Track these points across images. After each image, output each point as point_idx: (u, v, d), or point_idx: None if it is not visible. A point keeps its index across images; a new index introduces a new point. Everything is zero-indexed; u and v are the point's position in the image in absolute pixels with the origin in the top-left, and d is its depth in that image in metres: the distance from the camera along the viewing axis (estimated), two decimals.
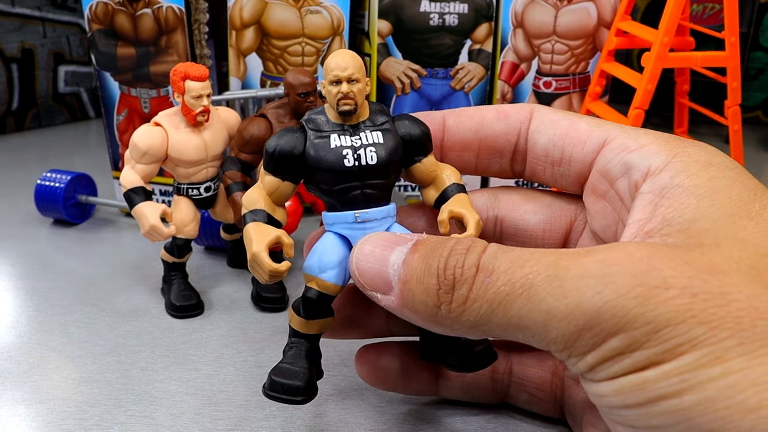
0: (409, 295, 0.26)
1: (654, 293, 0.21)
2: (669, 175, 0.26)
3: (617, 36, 0.55)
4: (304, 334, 0.31)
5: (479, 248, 0.25)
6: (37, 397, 0.37)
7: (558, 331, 0.23)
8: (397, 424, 0.35)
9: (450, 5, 0.54)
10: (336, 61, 0.29)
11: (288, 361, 0.30)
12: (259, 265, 0.28)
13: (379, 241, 0.28)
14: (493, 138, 0.32)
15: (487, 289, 0.24)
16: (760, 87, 0.82)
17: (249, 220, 0.29)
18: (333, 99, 0.29)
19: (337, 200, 0.30)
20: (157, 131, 0.43)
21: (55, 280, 0.49)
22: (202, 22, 0.54)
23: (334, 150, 0.29)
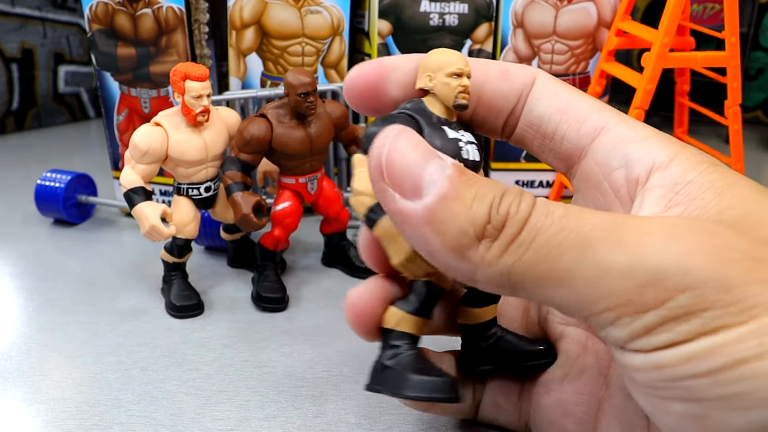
0: (446, 214, 0.22)
1: (722, 252, 0.20)
2: (679, 170, 0.25)
3: (617, 36, 0.55)
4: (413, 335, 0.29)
5: (532, 195, 0.23)
6: (37, 397, 0.37)
7: (612, 287, 0.21)
8: (397, 424, 0.35)
9: (450, 5, 0.54)
10: (453, 57, 0.28)
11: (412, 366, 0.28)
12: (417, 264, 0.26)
13: (416, 141, 0.24)
14: (494, 97, 0.30)
15: (538, 233, 0.22)
16: (760, 87, 0.82)
17: (378, 216, 0.26)
18: (452, 91, 0.27)
19: None
20: (157, 131, 0.43)
21: (55, 280, 0.49)
22: (202, 22, 0.54)
23: (450, 140, 0.27)
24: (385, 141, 0.24)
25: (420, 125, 0.27)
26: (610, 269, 0.21)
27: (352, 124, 0.48)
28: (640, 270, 0.20)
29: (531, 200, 0.22)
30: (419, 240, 0.23)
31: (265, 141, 0.43)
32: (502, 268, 0.22)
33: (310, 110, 0.43)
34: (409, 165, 0.23)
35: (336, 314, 0.45)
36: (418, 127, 0.27)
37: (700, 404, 0.21)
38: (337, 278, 0.50)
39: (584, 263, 0.21)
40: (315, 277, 0.50)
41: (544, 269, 0.21)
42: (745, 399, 0.20)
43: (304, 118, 0.44)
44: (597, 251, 0.21)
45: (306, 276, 0.50)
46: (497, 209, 0.22)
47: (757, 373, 0.19)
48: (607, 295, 0.21)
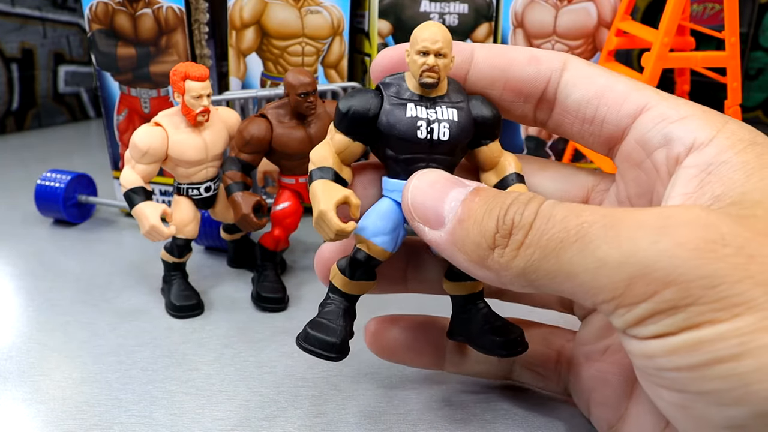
0: (463, 234, 0.26)
1: (711, 247, 0.21)
2: (715, 150, 0.25)
3: (617, 36, 0.55)
4: (344, 293, 0.31)
5: (539, 200, 0.25)
6: (37, 397, 0.37)
7: (609, 278, 0.22)
8: (397, 424, 0.35)
9: (450, 5, 0.54)
10: (428, 32, 0.28)
11: (325, 317, 0.30)
12: (326, 223, 0.28)
13: (438, 176, 0.27)
14: (520, 81, 0.30)
15: (542, 234, 0.24)
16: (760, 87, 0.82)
17: (316, 177, 0.29)
18: (417, 69, 0.28)
19: (401, 168, 0.29)
20: (157, 131, 0.43)
21: (55, 280, 0.49)
22: (202, 22, 0.54)
23: (409, 119, 0.28)
24: (409, 185, 0.28)
25: (382, 101, 0.29)
26: (606, 262, 0.22)
27: None
28: (631, 263, 0.22)
29: (535, 206, 0.25)
30: (452, 260, 0.27)
31: (265, 141, 0.43)
32: (517, 270, 0.24)
33: (310, 110, 0.43)
34: (430, 202, 0.27)
35: None
36: (380, 103, 0.29)
37: (683, 395, 0.22)
38: None
39: (584, 257, 0.23)
40: (315, 277, 0.50)
41: (552, 265, 0.23)
42: (722, 396, 0.21)
43: (304, 118, 0.44)
44: (595, 246, 0.22)
45: (306, 276, 0.50)
46: (503, 220, 0.25)
47: (733, 372, 0.20)
48: (605, 287, 0.22)
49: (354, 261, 0.30)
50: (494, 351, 0.32)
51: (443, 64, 0.28)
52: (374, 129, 0.29)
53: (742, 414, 0.21)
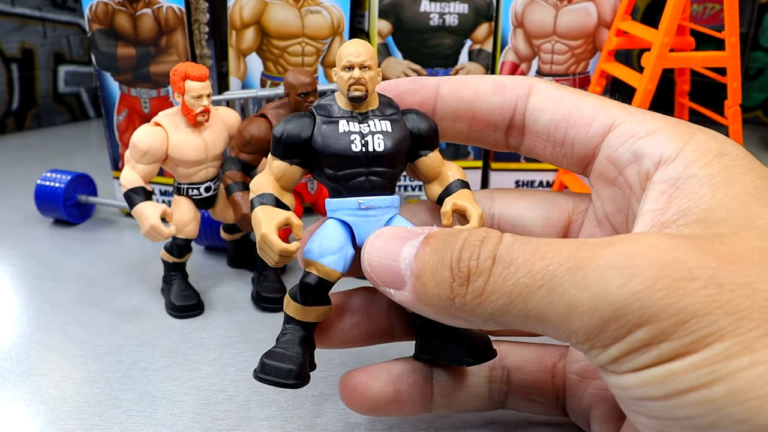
0: (423, 289, 0.25)
1: (680, 284, 0.21)
2: (682, 165, 0.25)
3: (617, 36, 0.55)
4: (299, 321, 0.30)
5: (494, 239, 0.24)
6: (37, 396, 0.37)
7: (581, 323, 0.22)
8: (398, 424, 0.35)
9: (450, 5, 0.54)
10: (350, 48, 0.29)
11: (281, 347, 0.30)
12: (268, 245, 0.28)
13: (389, 236, 0.27)
14: (487, 111, 0.31)
15: (505, 280, 0.23)
16: (760, 87, 0.82)
17: (257, 204, 0.29)
18: (345, 84, 0.29)
19: (342, 186, 0.29)
20: (157, 131, 0.43)
21: (55, 280, 0.49)
22: (202, 22, 0.54)
23: (342, 135, 0.29)
24: (364, 253, 0.28)
25: (315, 121, 0.29)
26: (576, 307, 0.22)
27: None
28: (601, 307, 0.22)
29: (490, 248, 0.24)
30: (424, 314, 0.26)
31: (265, 141, 0.43)
32: (485, 316, 0.24)
33: None
34: (385, 262, 0.27)
35: None
36: (313, 123, 0.29)
37: (660, 421, 0.22)
38: None
39: (553, 302, 0.23)
40: None
41: (520, 310, 0.23)
42: (695, 421, 0.21)
43: None
44: (563, 290, 0.22)
45: None
46: (457, 268, 0.24)
47: (705, 399, 0.21)
48: (577, 330, 0.22)
49: (304, 285, 0.29)
50: (461, 360, 0.31)
51: (369, 76, 0.29)
52: (310, 150, 0.29)
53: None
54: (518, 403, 0.34)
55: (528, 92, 0.30)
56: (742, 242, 0.22)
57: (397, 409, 0.33)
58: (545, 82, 0.31)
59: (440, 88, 0.31)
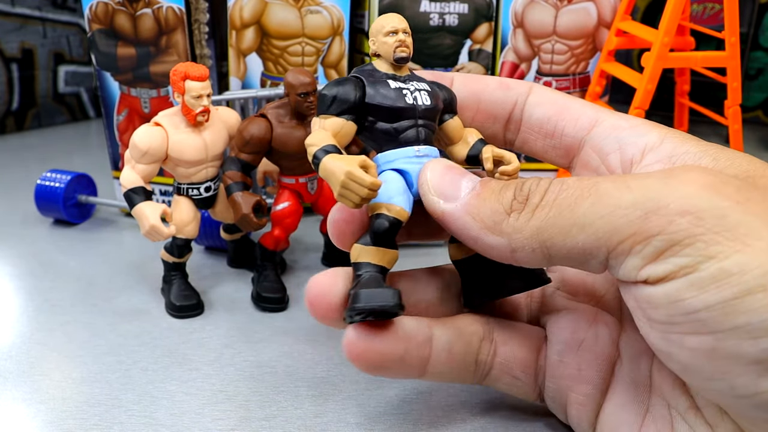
0: (480, 203, 0.28)
1: (716, 186, 0.23)
2: (671, 145, 0.28)
3: (617, 36, 0.55)
4: (374, 264, 0.30)
5: (550, 178, 0.27)
6: (37, 396, 0.37)
7: (625, 218, 0.24)
8: (397, 424, 0.35)
9: (450, 5, 0.54)
10: (389, 18, 0.31)
11: (367, 285, 0.29)
12: (357, 181, 0.27)
13: (453, 165, 0.30)
14: (490, 103, 0.34)
15: (558, 194, 0.26)
16: (760, 87, 0.82)
17: (323, 155, 0.29)
18: (391, 48, 0.31)
19: (396, 137, 0.31)
20: (157, 131, 0.43)
21: (55, 280, 0.49)
22: (202, 22, 0.54)
23: (395, 90, 0.31)
24: (428, 166, 0.30)
25: (364, 83, 0.31)
26: (620, 205, 0.24)
27: None
28: (644, 201, 0.23)
29: (548, 179, 0.27)
30: (460, 229, 0.28)
31: (265, 141, 0.43)
32: (531, 230, 0.26)
33: (310, 110, 0.43)
34: (448, 179, 0.29)
35: None
36: (363, 85, 0.31)
37: (713, 336, 0.22)
38: None
39: (599, 205, 0.24)
40: None
41: (567, 219, 0.25)
42: (755, 328, 0.21)
43: (304, 118, 0.44)
44: (608, 195, 0.24)
45: (306, 276, 0.50)
46: (520, 189, 0.27)
47: (764, 303, 0.21)
48: (620, 227, 0.24)
49: (378, 228, 0.30)
50: (524, 286, 0.32)
51: (410, 41, 0.31)
52: (362, 108, 0.31)
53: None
54: (499, 379, 0.34)
55: (528, 91, 0.34)
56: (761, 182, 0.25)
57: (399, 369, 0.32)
58: (543, 86, 0.35)
59: (454, 80, 0.35)
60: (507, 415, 0.36)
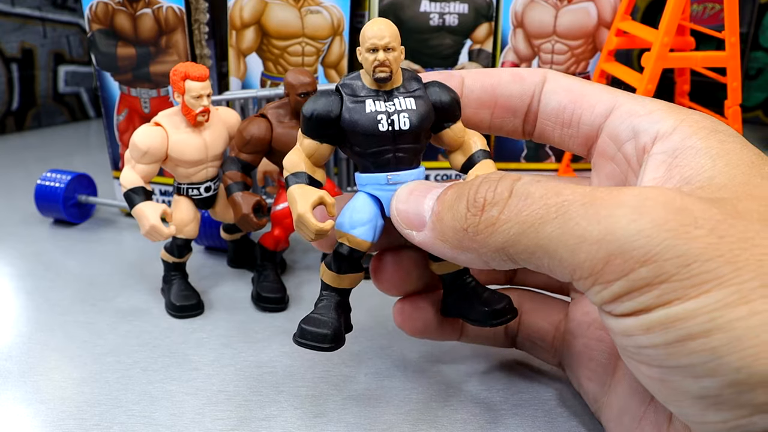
0: (440, 224, 0.28)
1: (686, 229, 0.22)
2: (679, 137, 0.27)
3: (617, 36, 0.55)
4: (334, 287, 0.33)
5: (512, 177, 0.26)
6: (37, 396, 0.37)
7: (587, 255, 0.23)
8: (397, 424, 0.35)
9: (450, 5, 0.53)
10: (373, 29, 0.30)
11: (317, 312, 0.32)
12: (305, 225, 0.30)
13: (416, 185, 0.30)
14: (508, 98, 0.33)
15: (520, 211, 0.25)
16: (761, 87, 0.82)
17: (292, 182, 0.31)
18: (369, 66, 0.30)
19: (370, 162, 0.31)
20: (157, 131, 0.43)
21: (55, 280, 0.49)
22: (202, 22, 0.54)
23: (369, 114, 0.30)
24: (393, 200, 0.30)
25: (342, 100, 0.30)
26: (585, 239, 0.23)
27: None
28: (609, 241, 0.23)
29: (508, 183, 0.26)
30: (440, 254, 0.29)
31: (265, 141, 0.43)
32: (496, 245, 0.25)
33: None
34: (410, 207, 0.29)
35: None
36: (340, 102, 0.30)
37: (661, 370, 0.23)
38: None
39: (564, 233, 0.24)
40: (315, 277, 0.50)
41: (531, 240, 0.24)
42: (696, 369, 0.22)
43: None
44: (575, 222, 0.24)
45: (306, 276, 0.50)
46: (473, 199, 0.26)
47: (705, 347, 0.21)
48: (583, 263, 0.23)
49: (338, 255, 0.32)
50: (485, 322, 0.33)
51: (393, 57, 0.30)
52: (339, 128, 0.31)
53: (715, 384, 0.22)
54: (524, 344, 0.38)
55: (543, 80, 0.33)
56: (743, 205, 0.23)
57: (437, 334, 0.37)
58: (557, 72, 0.34)
59: (465, 78, 0.34)
60: (509, 415, 0.36)
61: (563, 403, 0.36)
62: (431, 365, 0.40)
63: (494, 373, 0.39)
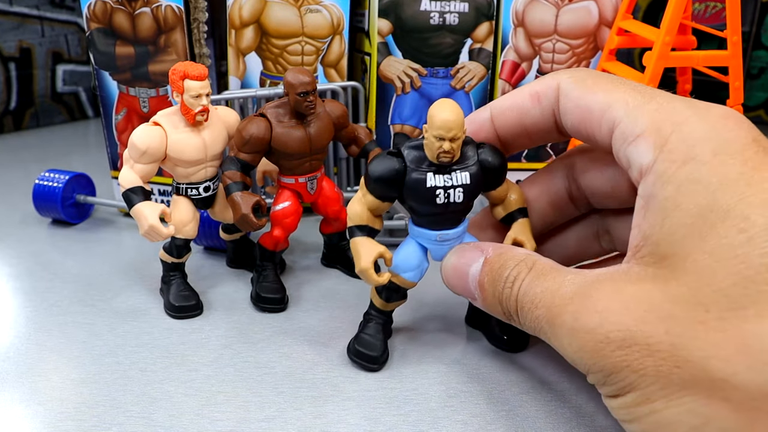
0: (486, 304, 0.35)
1: (600, 347, 0.28)
2: (651, 179, 0.28)
3: (618, 35, 0.55)
4: (382, 311, 0.40)
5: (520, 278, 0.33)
6: (35, 398, 0.37)
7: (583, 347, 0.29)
8: (397, 425, 0.35)
9: (450, 4, 0.53)
10: (443, 117, 0.33)
11: (369, 333, 0.39)
12: (367, 278, 0.36)
13: (456, 262, 0.36)
14: (534, 125, 0.35)
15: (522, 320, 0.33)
16: (763, 86, 0.82)
17: (356, 234, 0.36)
18: (435, 151, 0.33)
19: (424, 221, 0.37)
20: (156, 131, 0.42)
21: (54, 281, 0.49)
22: (202, 21, 0.53)
23: (429, 189, 0.34)
24: (443, 274, 0.37)
25: (406, 171, 0.34)
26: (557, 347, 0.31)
27: (352, 124, 0.48)
28: (566, 354, 0.30)
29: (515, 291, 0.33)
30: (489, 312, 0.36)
31: (265, 140, 0.43)
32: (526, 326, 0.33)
33: (310, 110, 0.43)
34: (460, 285, 0.36)
35: (336, 314, 0.45)
36: (404, 170, 0.34)
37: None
38: (336, 278, 0.50)
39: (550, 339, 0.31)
40: (315, 277, 0.50)
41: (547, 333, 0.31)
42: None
43: (304, 118, 0.44)
44: (546, 337, 0.31)
45: (306, 276, 0.50)
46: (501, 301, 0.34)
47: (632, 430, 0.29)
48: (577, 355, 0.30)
49: (389, 289, 0.39)
50: (499, 346, 0.41)
51: (456, 145, 0.33)
52: (400, 193, 0.35)
53: None
54: None
55: (556, 96, 0.33)
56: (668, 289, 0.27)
57: None
58: (568, 79, 0.33)
59: (493, 118, 0.36)
60: (509, 416, 0.35)
61: (564, 404, 0.36)
62: (431, 366, 0.39)
63: (495, 375, 0.39)
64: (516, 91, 0.35)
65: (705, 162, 0.27)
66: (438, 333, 0.43)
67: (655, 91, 0.30)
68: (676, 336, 0.26)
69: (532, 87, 0.34)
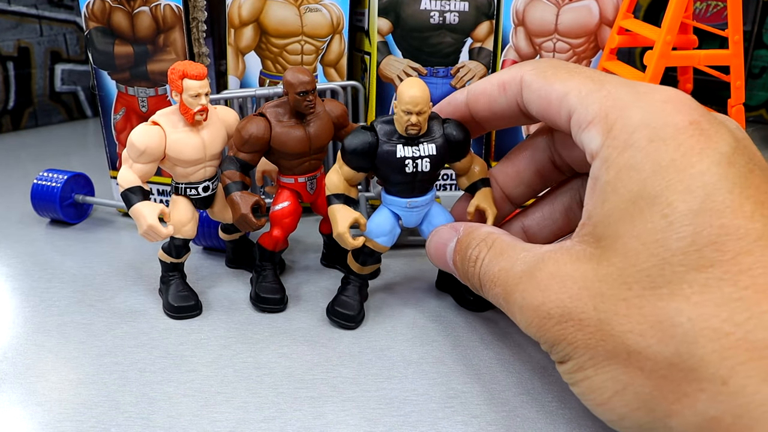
0: (461, 279, 0.39)
1: (543, 323, 0.31)
2: (598, 164, 0.30)
3: (619, 34, 0.55)
4: (359, 275, 0.43)
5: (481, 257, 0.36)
6: (33, 399, 0.36)
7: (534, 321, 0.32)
8: (397, 426, 0.35)
9: (450, 3, 0.53)
10: (410, 93, 0.37)
11: (346, 294, 0.43)
12: (343, 241, 0.40)
13: (438, 239, 0.40)
14: (503, 111, 0.38)
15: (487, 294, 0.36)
16: (764, 86, 0.82)
17: (333, 201, 0.40)
18: (403, 124, 0.38)
19: (395, 189, 0.41)
20: (155, 130, 0.42)
21: (52, 281, 0.49)
22: (201, 21, 0.53)
23: (399, 159, 0.38)
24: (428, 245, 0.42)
25: (378, 143, 0.39)
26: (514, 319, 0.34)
27: (352, 123, 0.48)
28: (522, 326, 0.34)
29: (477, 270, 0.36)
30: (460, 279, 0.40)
31: (264, 140, 0.43)
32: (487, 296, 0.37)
33: (310, 109, 0.43)
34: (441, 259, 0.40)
35: None
36: (376, 142, 0.39)
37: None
38: (336, 278, 0.49)
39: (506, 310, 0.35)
40: (314, 277, 0.50)
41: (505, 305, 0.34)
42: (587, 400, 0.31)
43: (304, 117, 0.44)
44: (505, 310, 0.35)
45: (305, 276, 0.50)
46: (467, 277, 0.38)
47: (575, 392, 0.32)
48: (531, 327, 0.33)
49: (363, 254, 0.42)
50: (467, 307, 0.45)
51: (423, 119, 0.37)
52: (373, 163, 0.39)
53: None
54: None
55: (520, 88, 0.36)
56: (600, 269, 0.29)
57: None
58: (531, 71, 0.35)
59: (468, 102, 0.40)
60: (510, 416, 0.35)
61: (564, 405, 0.36)
62: (431, 366, 0.39)
63: (495, 376, 0.39)
64: (489, 77, 0.38)
65: (641, 148, 0.28)
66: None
67: (607, 78, 0.32)
68: (603, 312, 0.29)
69: (500, 76, 0.37)
